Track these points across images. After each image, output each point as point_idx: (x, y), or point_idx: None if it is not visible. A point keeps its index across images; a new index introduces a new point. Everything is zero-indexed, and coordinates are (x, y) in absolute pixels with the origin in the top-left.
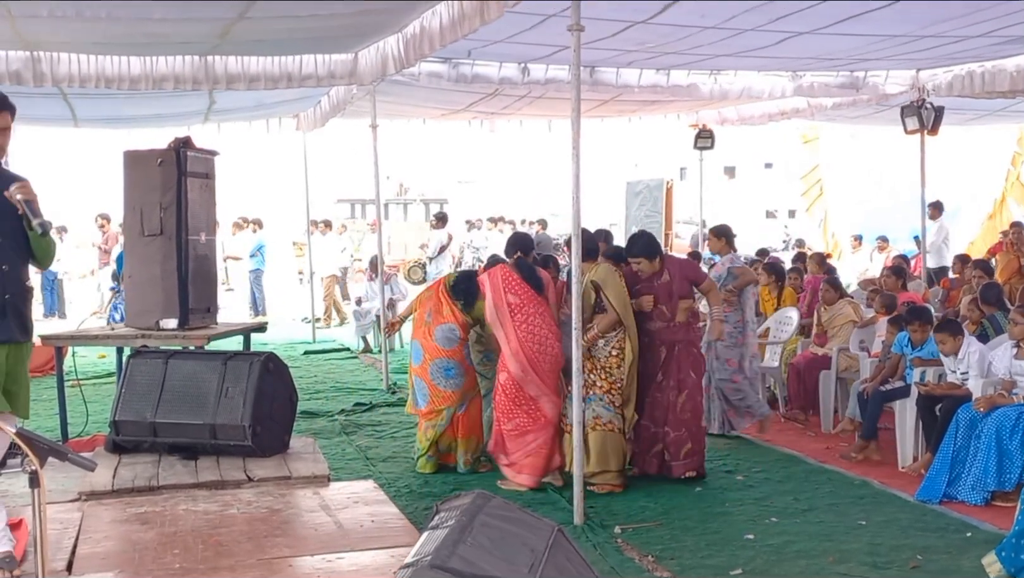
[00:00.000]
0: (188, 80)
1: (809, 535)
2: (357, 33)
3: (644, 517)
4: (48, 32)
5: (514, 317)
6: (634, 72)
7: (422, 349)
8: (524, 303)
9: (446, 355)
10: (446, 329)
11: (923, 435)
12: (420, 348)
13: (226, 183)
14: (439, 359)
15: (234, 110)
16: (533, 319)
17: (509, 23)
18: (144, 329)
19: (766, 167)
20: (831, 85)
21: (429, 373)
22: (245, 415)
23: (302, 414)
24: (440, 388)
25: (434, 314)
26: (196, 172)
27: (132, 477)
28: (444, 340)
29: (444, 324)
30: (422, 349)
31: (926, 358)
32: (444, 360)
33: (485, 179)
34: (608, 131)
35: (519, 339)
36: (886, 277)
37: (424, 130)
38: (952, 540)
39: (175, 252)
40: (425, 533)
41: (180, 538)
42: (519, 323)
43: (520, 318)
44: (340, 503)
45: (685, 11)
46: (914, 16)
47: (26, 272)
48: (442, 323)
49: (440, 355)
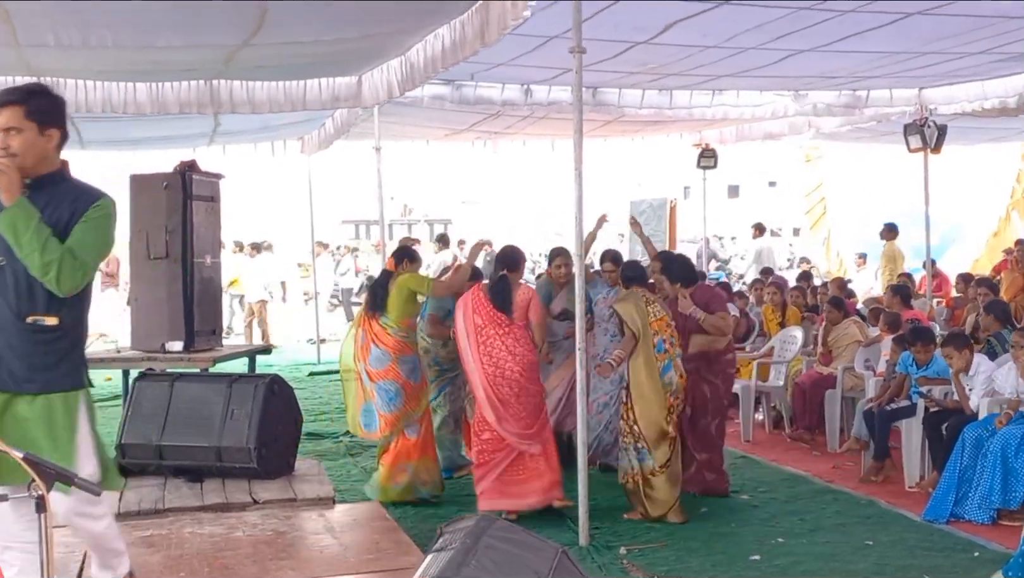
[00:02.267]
0: (193, 105)
1: (815, 555)
2: (361, 57)
3: (649, 538)
4: (54, 60)
5: (478, 336)
6: (636, 93)
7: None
8: (485, 324)
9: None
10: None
11: (929, 454)
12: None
13: (231, 206)
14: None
15: (239, 132)
16: (493, 341)
17: (511, 45)
18: (150, 352)
19: (770, 185)
20: (833, 104)
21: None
22: (250, 437)
23: (307, 436)
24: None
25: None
26: (201, 195)
27: (138, 500)
28: (375, 361)
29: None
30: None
31: (932, 377)
32: (386, 382)
33: (489, 199)
34: (611, 150)
35: (479, 360)
36: (890, 296)
37: (428, 151)
38: (959, 560)
39: (180, 275)
40: (429, 555)
41: (186, 561)
42: (481, 342)
43: (482, 338)
44: (345, 525)
45: (686, 31)
46: (915, 33)
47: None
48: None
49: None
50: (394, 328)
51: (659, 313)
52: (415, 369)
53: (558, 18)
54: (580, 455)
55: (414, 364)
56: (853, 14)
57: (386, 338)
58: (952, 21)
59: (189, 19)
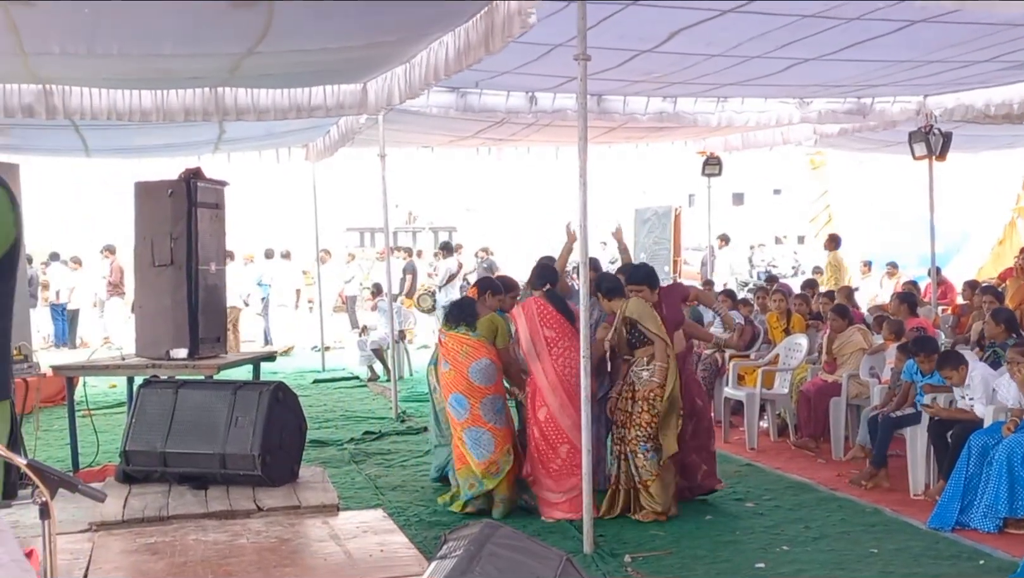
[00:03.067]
0: (199, 112)
1: (820, 564)
2: (366, 64)
3: (654, 546)
4: (60, 68)
5: (551, 351)
6: (641, 100)
7: (465, 398)
8: (560, 337)
9: (492, 392)
10: (481, 364)
11: (935, 462)
12: (463, 398)
13: (236, 213)
14: (486, 397)
15: (244, 140)
16: (570, 353)
17: (516, 53)
18: (154, 359)
19: (775, 193)
20: (838, 112)
21: (483, 416)
22: (255, 445)
23: (311, 443)
24: (498, 427)
25: (455, 358)
26: (206, 202)
27: (142, 507)
28: (481, 376)
29: (477, 360)
30: (465, 398)
31: (936, 385)
32: (491, 397)
33: (493, 206)
34: (616, 158)
35: (557, 373)
36: (895, 304)
37: (432, 158)
38: (965, 568)
39: (185, 282)
40: (434, 563)
41: (190, 568)
42: (556, 357)
43: (557, 352)
44: (349, 533)
45: (691, 39)
46: (920, 41)
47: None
48: (476, 360)
49: (486, 393)
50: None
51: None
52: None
53: (563, 26)
54: (584, 463)
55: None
56: (858, 22)
57: (484, 350)
58: (957, 29)
59: (194, 28)
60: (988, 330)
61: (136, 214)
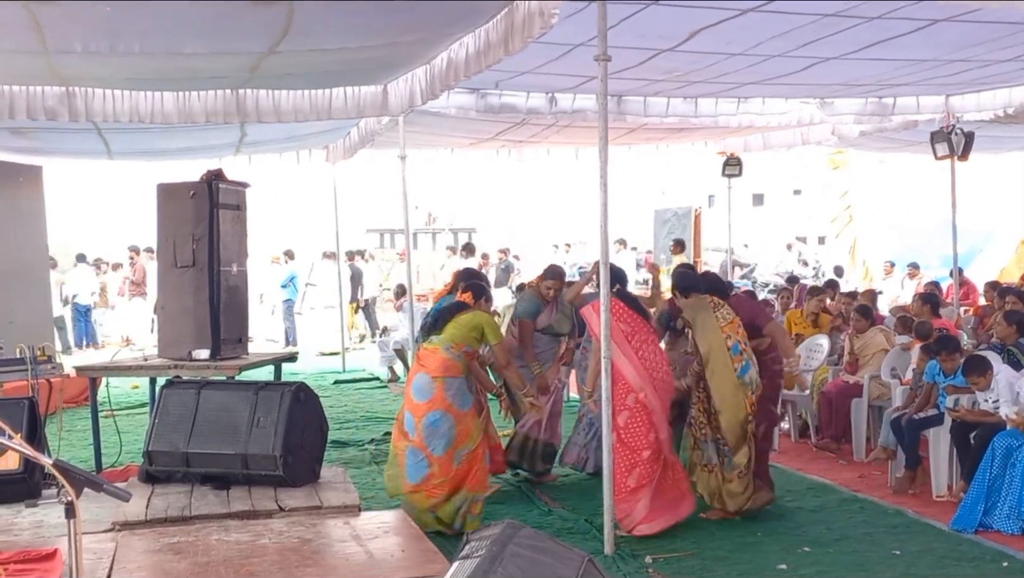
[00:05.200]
0: (220, 114)
1: (843, 565)
2: (386, 65)
3: (675, 547)
4: (82, 67)
5: (631, 343)
6: (661, 101)
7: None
8: (636, 330)
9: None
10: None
11: (958, 463)
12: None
13: (258, 214)
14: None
15: (265, 142)
16: (648, 345)
17: (536, 54)
18: (177, 359)
19: (795, 193)
20: (860, 112)
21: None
22: (276, 445)
23: (332, 444)
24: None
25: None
26: (228, 204)
27: (165, 507)
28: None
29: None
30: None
31: (959, 386)
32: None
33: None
34: (636, 158)
35: (638, 365)
36: (918, 305)
37: (452, 160)
38: (988, 570)
39: (207, 283)
40: (456, 563)
41: (212, 568)
42: (636, 348)
43: (636, 344)
44: (371, 533)
45: (711, 38)
46: (942, 40)
47: None
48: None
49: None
50: (447, 346)
51: (728, 317)
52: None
53: (583, 26)
54: (605, 465)
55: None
56: (879, 21)
57: (431, 360)
58: (979, 28)
59: (216, 25)
60: (1000, 331)
61: (158, 216)
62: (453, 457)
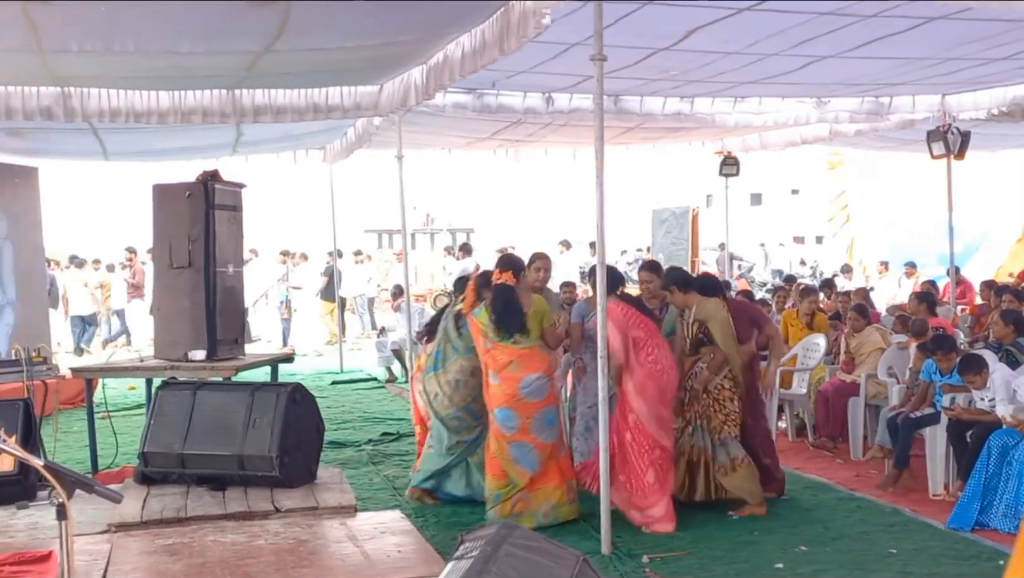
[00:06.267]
0: (216, 113)
1: (839, 564)
2: (382, 65)
3: (672, 546)
4: (78, 67)
5: (639, 352)
6: (658, 100)
7: (514, 412)
8: (648, 337)
9: (545, 404)
10: (531, 379)
11: (954, 462)
12: (512, 412)
13: (254, 215)
14: (538, 411)
15: (261, 142)
16: (659, 352)
17: (532, 53)
18: (173, 360)
19: (792, 193)
20: (856, 111)
21: (532, 432)
22: (272, 446)
23: (329, 444)
24: (546, 442)
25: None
26: (224, 204)
27: (161, 508)
28: (534, 391)
29: (528, 375)
30: (514, 412)
31: (956, 384)
32: (544, 409)
33: (511, 207)
34: (633, 158)
35: (649, 373)
36: (915, 303)
37: (449, 160)
38: (984, 568)
39: (203, 284)
40: (451, 563)
41: (208, 569)
42: (646, 355)
43: (646, 352)
44: (367, 533)
45: (708, 37)
46: (938, 38)
47: None
48: (528, 374)
49: (538, 407)
50: (541, 344)
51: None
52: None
53: (579, 25)
54: (602, 462)
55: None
56: (875, 19)
57: (535, 360)
58: (975, 26)
59: (212, 25)
60: (996, 330)
61: (154, 216)
62: (559, 446)
